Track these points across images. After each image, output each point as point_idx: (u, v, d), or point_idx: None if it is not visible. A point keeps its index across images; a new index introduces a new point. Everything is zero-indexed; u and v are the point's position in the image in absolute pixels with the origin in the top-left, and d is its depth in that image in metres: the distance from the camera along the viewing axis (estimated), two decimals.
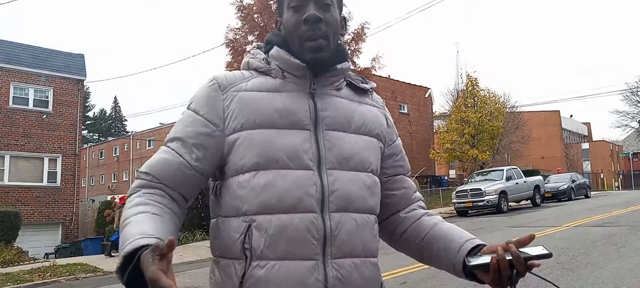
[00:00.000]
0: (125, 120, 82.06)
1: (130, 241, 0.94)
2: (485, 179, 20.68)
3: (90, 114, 76.62)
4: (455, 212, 19.93)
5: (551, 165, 42.08)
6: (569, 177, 27.65)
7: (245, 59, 1.28)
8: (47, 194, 20.64)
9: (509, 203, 19.80)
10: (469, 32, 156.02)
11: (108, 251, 14.39)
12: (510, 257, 1.01)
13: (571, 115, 61.27)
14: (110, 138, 66.84)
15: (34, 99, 20.85)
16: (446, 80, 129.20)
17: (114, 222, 15.87)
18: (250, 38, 19.78)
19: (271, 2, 19.06)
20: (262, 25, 19.43)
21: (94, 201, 28.65)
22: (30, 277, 10.52)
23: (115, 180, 51.96)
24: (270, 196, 1.10)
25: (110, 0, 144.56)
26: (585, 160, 53.00)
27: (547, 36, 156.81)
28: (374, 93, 1.34)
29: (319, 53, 1.17)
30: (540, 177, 23.21)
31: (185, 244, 14.51)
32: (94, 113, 79.71)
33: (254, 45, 1.33)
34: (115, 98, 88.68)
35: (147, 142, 48.50)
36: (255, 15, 19.74)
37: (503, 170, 21.28)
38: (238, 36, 19.90)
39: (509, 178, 20.24)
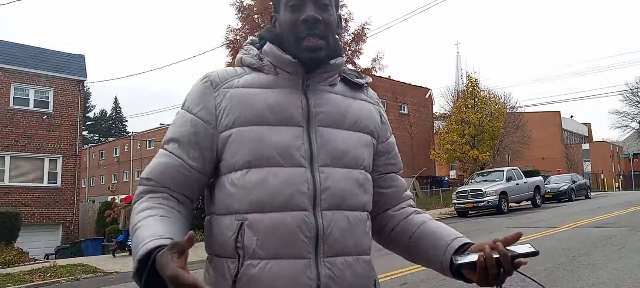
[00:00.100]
0: (126, 120, 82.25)
1: (142, 245, 0.94)
2: (486, 180, 20.67)
3: (91, 114, 76.74)
4: (455, 212, 19.93)
5: (551, 166, 42.06)
6: (569, 178, 27.68)
7: (239, 55, 1.26)
8: (48, 195, 20.62)
9: (510, 204, 19.80)
10: (469, 32, 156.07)
11: (113, 250, 14.56)
12: (498, 255, 1.00)
13: (571, 116, 61.25)
14: (110, 138, 66.88)
15: (35, 100, 20.84)
16: (446, 81, 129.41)
17: (120, 222, 15.78)
18: (250, 39, 19.76)
19: (271, 3, 19.04)
20: (263, 26, 19.37)
21: (94, 202, 28.65)
22: (30, 278, 10.51)
23: (116, 181, 52.00)
24: (262, 194, 1.09)
25: (111, 1, 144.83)
26: (585, 160, 52.93)
27: (547, 36, 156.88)
28: (369, 88, 1.32)
29: (316, 53, 1.15)
30: (540, 178, 23.20)
31: None
32: (95, 113, 79.87)
33: (248, 41, 1.31)
34: (115, 98, 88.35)
35: (148, 142, 48.54)
36: (256, 16, 19.76)
37: (503, 170, 21.27)
38: (238, 37, 19.92)
39: (509, 179, 20.23)
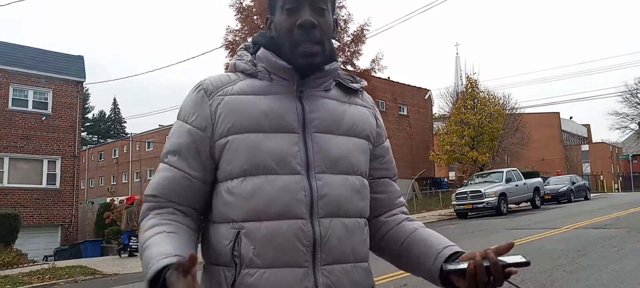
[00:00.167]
0: (125, 122, 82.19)
1: (152, 264, 0.95)
2: (485, 181, 20.67)
3: (90, 115, 76.68)
4: (455, 214, 19.93)
5: (551, 167, 42.11)
6: (568, 179, 27.68)
7: (232, 61, 1.25)
8: (46, 196, 20.59)
9: (509, 206, 19.78)
10: (469, 33, 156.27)
11: (119, 250, 14.85)
12: (488, 264, 1.00)
13: (571, 117, 61.24)
14: (109, 140, 66.81)
15: (34, 101, 20.82)
16: (446, 82, 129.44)
17: (122, 223, 15.77)
18: (249, 40, 19.78)
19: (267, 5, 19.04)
20: (262, 27, 19.39)
21: (93, 203, 28.58)
22: (29, 280, 10.51)
23: (115, 182, 51.96)
24: (258, 203, 1.08)
25: (110, 2, 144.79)
26: (584, 162, 52.95)
27: (547, 37, 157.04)
28: (364, 92, 1.31)
29: (312, 59, 1.14)
30: (539, 179, 23.23)
31: None
32: (93, 115, 79.80)
33: (241, 46, 1.29)
34: (114, 100, 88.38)
35: (147, 144, 48.53)
36: (255, 17, 19.76)
37: (503, 172, 21.27)
38: (238, 38, 19.92)
39: (508, 180, 20.22)
